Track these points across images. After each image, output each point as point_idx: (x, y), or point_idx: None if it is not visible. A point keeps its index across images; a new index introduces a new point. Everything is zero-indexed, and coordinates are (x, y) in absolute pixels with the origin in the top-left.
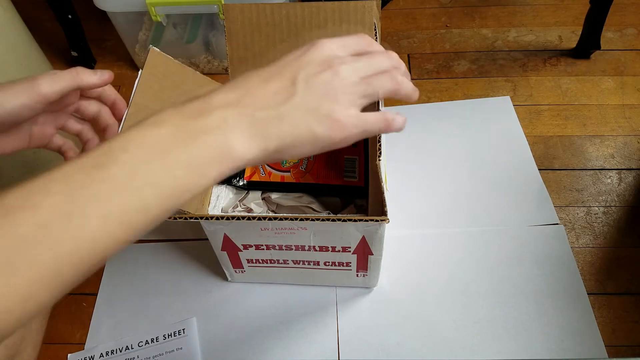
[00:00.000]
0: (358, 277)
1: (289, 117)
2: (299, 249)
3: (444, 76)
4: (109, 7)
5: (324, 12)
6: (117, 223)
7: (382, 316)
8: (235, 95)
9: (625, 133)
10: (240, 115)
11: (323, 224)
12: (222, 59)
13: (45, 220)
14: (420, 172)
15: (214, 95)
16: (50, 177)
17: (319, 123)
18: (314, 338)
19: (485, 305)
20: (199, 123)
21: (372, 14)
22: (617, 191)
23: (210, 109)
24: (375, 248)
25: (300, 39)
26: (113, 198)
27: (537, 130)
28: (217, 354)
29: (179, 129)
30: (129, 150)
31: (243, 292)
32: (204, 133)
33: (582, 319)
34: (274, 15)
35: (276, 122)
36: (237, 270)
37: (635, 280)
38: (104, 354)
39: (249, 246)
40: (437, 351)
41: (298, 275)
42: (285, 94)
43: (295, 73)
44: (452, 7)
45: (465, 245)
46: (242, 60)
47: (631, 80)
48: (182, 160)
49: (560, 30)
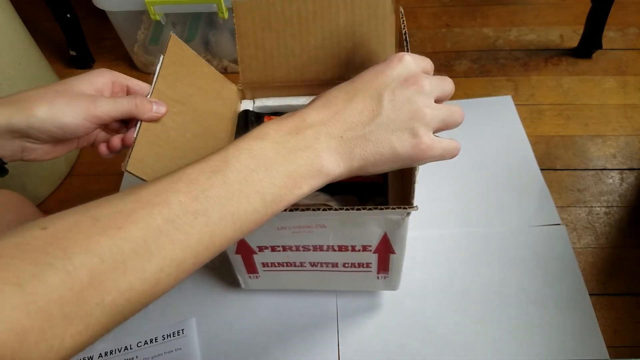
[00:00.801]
0: (379, 280)
1: (374, 137)
2: (317, 249)
3: (445, 75)
4: (108, 6)
5: (335, 6)
6: (230, 223)
7: (383, 318)
8: (326, 114)
9: (627, 133)
10: (330, 136)
11: (344, 216)
12: (222, 57)
13: (174, 216)
14: (420, 172)
15: (307, 113)
16: (175, 177)
17: (402, 143)
18: (314, 339)
19: (486, 306)
20: (296, 140)
21: (386, 6)
22: (619, 191)
23: (305, 126)
24: (397, 246)
25: (311, 35)
26: (229, 201)
27: (539, 130)
28: (216, 355)
29: (279, 144)
30: (240, 159)
31: (243, 293)
32: (300, 150)
33: (584, 320)
34: (285, 11)
35: (361, 142)
36: (251, 275)
37: (637, 281)
38: (102, 354)
39: (264, 248)
40: (439, 352)
41: (315, 280)
42: (370, 112)
43: (380, 90)
44: (453, 6)
45: (466, 245)
46: (253, 58)
47: (633, 80)
48: (282, 172)
49: (561, 30)
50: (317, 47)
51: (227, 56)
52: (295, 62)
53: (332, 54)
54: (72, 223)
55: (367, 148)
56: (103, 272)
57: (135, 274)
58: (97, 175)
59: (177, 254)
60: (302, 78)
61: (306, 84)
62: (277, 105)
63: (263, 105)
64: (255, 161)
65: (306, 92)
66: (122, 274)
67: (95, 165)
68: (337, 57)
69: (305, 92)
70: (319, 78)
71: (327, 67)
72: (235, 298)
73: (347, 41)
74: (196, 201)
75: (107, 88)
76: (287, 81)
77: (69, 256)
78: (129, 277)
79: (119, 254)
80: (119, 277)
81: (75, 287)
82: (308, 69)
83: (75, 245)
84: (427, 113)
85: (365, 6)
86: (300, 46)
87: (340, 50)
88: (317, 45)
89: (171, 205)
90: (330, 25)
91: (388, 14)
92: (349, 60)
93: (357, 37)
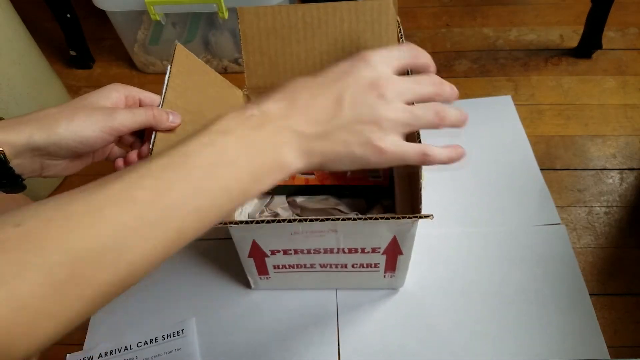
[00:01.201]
0: (385, 279)
1: (333, 136)
2: (327, 252)
3: (445, 75)
4: (108, 6)
5: (340, 12)
6: (196, 218)
7: (383, 317)
8: (289, 109)
9: (627, 133)
10: (292, 131)
11: (355, 225)
12: (222, 58)
13: (141, 213)
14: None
15: (270, 106)
16: (141, 172)
17: (359, 146)
18: (314, 339)
19: (486, 306)
20: (259, 135)
21: (389, 12)
22: (618, 191)
23: (267, 121)
24: (406, 247)
25: (316, 40)
26: (194, 197)
27: (539, 130)
28: (216, 355)
29: (242, 139)
30: (203, 155)
31: (242, 292)
32: (263, 145)
33: (584, 320)
34: (290, 17)
35: (321, 140)
36: (262, 276)
37: (637, 281)
38: (102, 354)
39: (276, 251)
40: (438, 351)
41: (323, 280)
42: (331, 112)
43: (342, 91)
44: (453, 6)
45: (466, 245)
46: (259, 65)
47: (633, 80)
48: (246, 168)
49: (561, 30)
50: (321, 53)
51: (227, 56)
52: (300, 68)
53: (336, 60)
54: (45, 220)
55: (326, 146)
56: (80, 268)
57: (108, 270)
58: (97, 175)
59: (146, 249)
60: None
61: None
62: None
63: None
64: (218, 157)
65: None
66: (97, 270)
67: (96, 165)
68: None
69: None
70: None
71: None
72: (235, 298)
73: (351, 47)
74: (162, 198)
75: (121, 102)
76: None
77: (46, 254)
78: (103, 273)
79: (93, 251)
80: (95, 273)
81: (54, 283)
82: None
83: (51, 244)
84: (387, 119)
85: (369, 13)
86: (305, 52)
87: (345, 55)
88: (322, 50)
89: (138, 202)
90: (334, 31)
91: (391, 20)
92: None
93: (361, 42)
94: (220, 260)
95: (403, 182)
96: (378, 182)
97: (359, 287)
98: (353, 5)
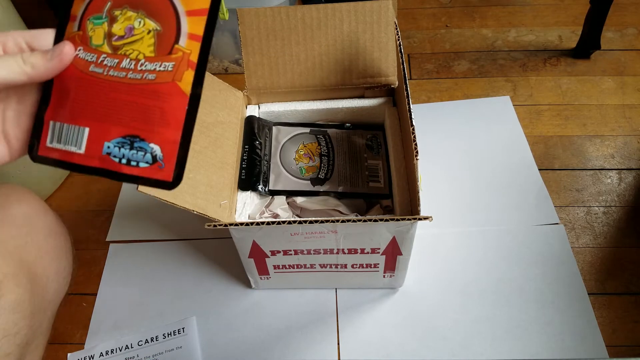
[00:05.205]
0: (385, 278)
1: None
2: (327, 252)
3: (444, 76)
4: None
5: (339, 14)
6: None
7: (383, 316)
8: None
9: (625, 133)
10: None
11: (355, 226)
12: (222, 58)
13: None
14: (419, 171)
15: None
16: None
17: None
18: (314, 337)
19: (485, 305)
20: None
21: (389, 13)
22: (617, 191)
23: None
24: (405, 248)
25: (315, 41)
26: None
27: (537, 130)
28: (217, 353)
29: None
30: None
31: (242, 291)
32: None
33: (583, 319)
34: (290, 19)
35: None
36: (262, 276)
37: (635, 280)
38: (103, 353)
39: (277, 252)
40: (438, 351)
41: (323, 280)
42: None
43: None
44: (452, 7)
45: (465, 245)
46: (258, 65)
47: (631, 80)
48: None
49: (560, 30)
50: (321, 54)
51: (228, 57)
52: (300, 69)
53: (335, 61)
54: None
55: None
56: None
57: None
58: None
59: None
60: (307, 84)
61: (310, 90)
62: (282, 111)
63: (268, 111)
64: None
65: (310, 97)
66: None
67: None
68: (340, 64)
69: (309, 98)
70: (323, 84)
71: (331, 73)
72: (236, 297)
73: (350, 48)
74: None
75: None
76: (291, 87)
77: None
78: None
79: None
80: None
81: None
82: (312, 75)
83: None
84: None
85: (369, 14)
86: (305, 53)
87: (344, 56)
88: (322, 51)
89: None
90: (334, 32)
91: (390, 22)
92: (352, 66)
93: (360, 44)
94: (220, 259)
95: (402, 183)
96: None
97: (359, 287)
98: (352, 6)
